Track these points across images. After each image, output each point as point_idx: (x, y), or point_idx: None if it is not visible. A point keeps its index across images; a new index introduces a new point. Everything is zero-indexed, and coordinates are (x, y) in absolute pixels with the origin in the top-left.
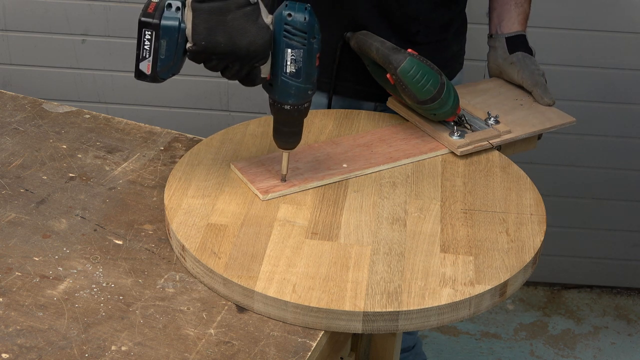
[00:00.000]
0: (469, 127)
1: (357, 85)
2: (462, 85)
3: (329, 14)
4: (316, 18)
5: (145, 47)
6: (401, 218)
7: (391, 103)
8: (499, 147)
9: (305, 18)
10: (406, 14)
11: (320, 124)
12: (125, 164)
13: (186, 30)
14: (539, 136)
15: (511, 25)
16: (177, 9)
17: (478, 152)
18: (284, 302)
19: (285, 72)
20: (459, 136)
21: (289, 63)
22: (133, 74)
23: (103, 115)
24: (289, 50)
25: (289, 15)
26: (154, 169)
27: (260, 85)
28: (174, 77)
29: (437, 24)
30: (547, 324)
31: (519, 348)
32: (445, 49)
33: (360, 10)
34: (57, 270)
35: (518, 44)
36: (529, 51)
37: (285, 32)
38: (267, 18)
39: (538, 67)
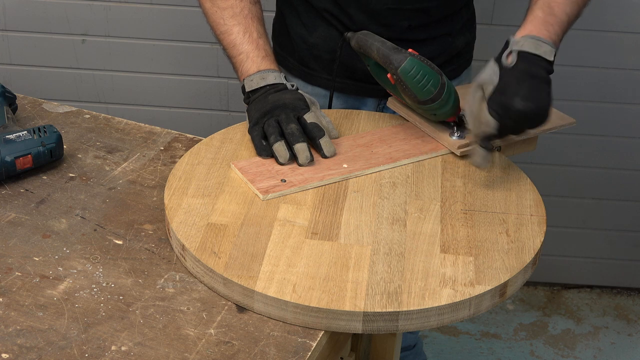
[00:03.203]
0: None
1: (360, 82)
2: (463, 85)
3: (329, 12)
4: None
5: None
6: (401, 218)
7: (391, 103)
8: (499, 148)
9: None
10: (387, 7)
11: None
12: (125, 164)
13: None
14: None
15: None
16: None
17: None
18: (284, 302)
19: None
20: (459, 136)
21: None
22: (133, 74)
23: (103, 115)
24: None
25: None
26: (154, 169)
27: None
28: (174, 77)
29: (434, 19)
30: (547, 324)
31: (519, 348)
32: (449, 45)
33: (350, 8)
34: (57, 270)
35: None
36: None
37: None
38: None
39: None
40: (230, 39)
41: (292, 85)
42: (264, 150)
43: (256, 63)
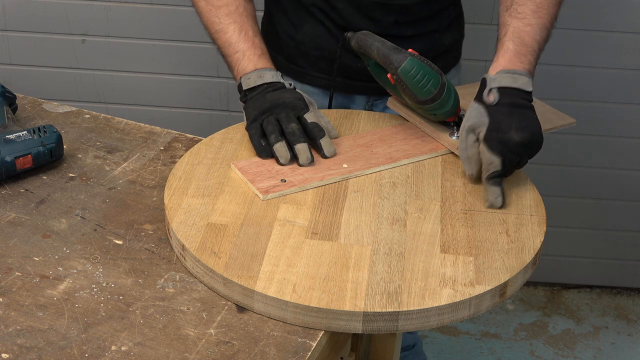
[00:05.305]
0: None
1: (348, 80)
2: (463, 85)
3: (317, 7)
4: None
5: None
6: (401, 218)
7: (391, 103)
8: None
9: None
10: (373, 1)
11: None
12: (125, 164)
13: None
14: None
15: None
16: None
17: None
18: (284, 302)
19: None
20: (459, 136)
21: None
22: (133, 74)
23: (103, 115)
24: None
25: None
26: (154, 169)
27: None
28: (174, 77)
29: (420, 15)
30: (547, 324)
31: (519, 348)
32: (435, 42)
33: (338, 3)
34: (57, 270)
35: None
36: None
37: None
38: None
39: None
40: (225, 37)
41: (290, 84)
42: (263, 151)
43: (253, 61)
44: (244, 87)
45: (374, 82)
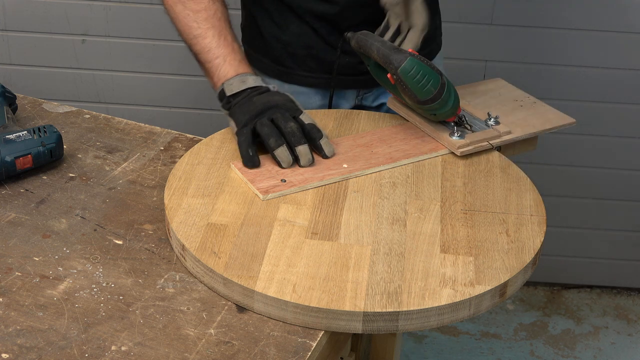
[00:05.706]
0: (469, 127)
1: (337, 75)
2: (463, 85)
3: (302, 8)
4: None
5: None
6: (401, 218)
7: (391, 103)
8: (499, 148)
9: None
10: None
11: (321, 124)
12: (125, 164)
13: None
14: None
15: None
16: None
17: (478, 153)
18: (284, 302)
19: None
20: (459, 136)
21: None
22: (133, 74)
23: (103, 115)
24: None
25: None
26: (154, 169)
27: None
28: (174, 77)
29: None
30: (547, 324)
31: (519, 348)
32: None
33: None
34: (57, 270)
35: None
36: None
37: None
38: None
39: None
40: (204, 42)
41: (274, 87)
42: (250, 161)
43: (234, 67)
44: (227, 93)
45: (361, 75)
